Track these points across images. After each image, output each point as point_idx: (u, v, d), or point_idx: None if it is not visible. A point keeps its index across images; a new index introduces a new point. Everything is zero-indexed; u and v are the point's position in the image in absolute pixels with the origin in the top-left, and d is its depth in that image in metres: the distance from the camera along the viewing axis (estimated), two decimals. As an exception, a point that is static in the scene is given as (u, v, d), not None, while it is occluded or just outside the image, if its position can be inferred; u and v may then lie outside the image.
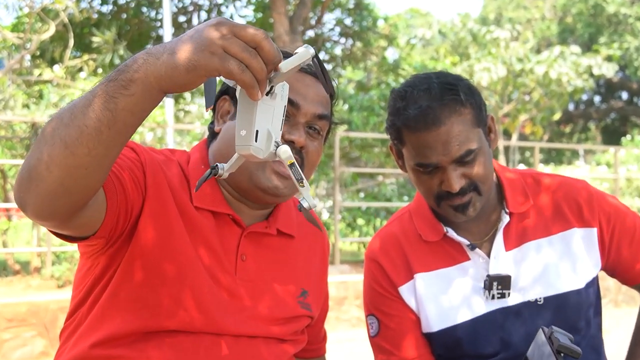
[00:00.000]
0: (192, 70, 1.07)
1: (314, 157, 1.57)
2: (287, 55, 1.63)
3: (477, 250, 1.77)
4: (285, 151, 1.18)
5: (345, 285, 7.82)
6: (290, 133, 1.50)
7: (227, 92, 1.58)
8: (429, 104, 1.64)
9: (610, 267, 1.83)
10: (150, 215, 1.44)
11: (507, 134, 22.97)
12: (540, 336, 1.50)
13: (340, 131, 9.63)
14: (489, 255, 1.77)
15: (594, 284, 1.81)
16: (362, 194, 11.47)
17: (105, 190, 1.31)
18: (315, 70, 1.26)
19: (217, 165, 1.24)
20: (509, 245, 1.77)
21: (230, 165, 1.24)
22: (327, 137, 1.69)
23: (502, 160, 20.06)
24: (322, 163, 10.17)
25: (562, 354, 1.38)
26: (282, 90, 1.18)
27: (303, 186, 1.20)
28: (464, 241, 1.77)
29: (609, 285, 9.44)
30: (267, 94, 1.15)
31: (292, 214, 1.70)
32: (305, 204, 1.19)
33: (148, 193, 1.45)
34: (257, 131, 1.15)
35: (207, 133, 1.67)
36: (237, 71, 1.07)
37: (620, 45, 26.30)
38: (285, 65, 1.14)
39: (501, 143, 11.45)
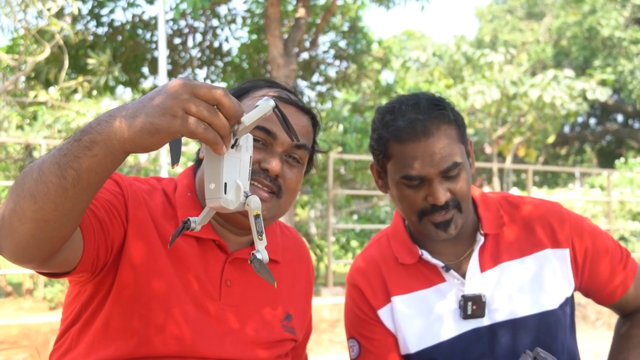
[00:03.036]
0: (154, 133, 1.09)
1: (292, 185, 1.59)
2: (272, 83, 1.66)
3: (452, 271, 1.80)
4: (255, 202, 1.21)
5: (339, 308, 7.80)
6: (266, 162, 1.53)
7: None
8: (417, 117, 1.69)
9: (584, 288, 1.85)
10: (133, 247, 1.47)
11: (502, 157, 23.04)
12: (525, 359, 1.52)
13: (334, 153, 9.66)
14: (464, 276, 1.79)
15: (568, 304, 1.82)
16: (355, 216, 11.48)
17: (82, 228, 1.34)
18: (299, 103, 1.27)
19: (189, 219, 1.26)
20: (484, 266, 1.80)
21: (202, 218, 1.26)
22: (311, 166, 1.71)
23: (496, 182, 20.10)
24: (316, 185, 10.20)
25: None
26: (246, 142, 1.21)
27: (261, 239, 1.23)
28: (439, 263, 1.80)
29: (602, 308, 9.42)
30: (232, 147, 1.18)
31: (277, 240, 1.73)
32: (259, 256, 1.22)
33: (130, 225, 1.47)
34: (225, 183, 1.17)
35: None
36: (200, 131, 1.09)
37: (614, 69, 26.48)
38: (248, 119, 1.17)
39: (495, 165, 11.47)
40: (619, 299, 1.86)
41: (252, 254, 1.23)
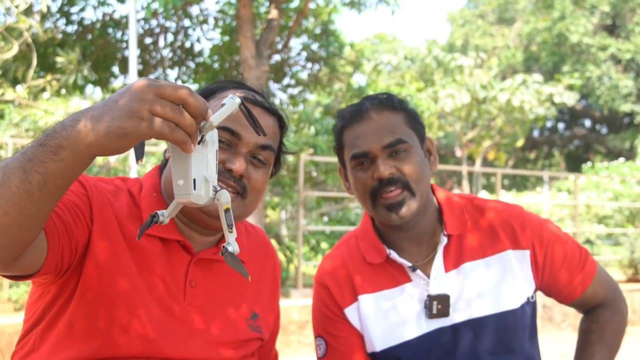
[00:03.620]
0: (122, 137, 1.08)
1: (258, 186, 1.60)
2: (239, 85, 1.67)
3: (418, 271, 1.83)
4: (225, 196, 1.22)
5: (308, 309, 7.82)
6: (230, 162, 1.53)
7: None
8: (364, 102, 1.85)
9: (545, 288, 1.90)
10: (97, 248, 1.47)
11: (472, 160, 23.26)
12: None
13: (306, 155, 9.67)
14: (429, 276, 1.82)
15: (529, 304, 1.86)
16: (326, 218, 11.50)
17: (46, 231, 1.33)
18: (266, 103, 1.28)
19: (157, 213, 1.26)
20: (448, 266, 1.83)
21: (170, 212, 1.27)
22: (278, 167, 1.73)
23: (465, 185, 20.30)
24: (287, 186, 10.20)
25: None
26: (211, 136, 1.22)
27: (231, 232, 1.24)
28: (406, 263, 1.83)
29: (568, 310, 9.56)
30: (198, 143, 1.19)
31: (242, 239, 1.74)
32: (230, 248, 1.24)
33: (94, 226, 1.47)
34: (194, 179, 1.19)
35: None
36: (168, 131, 1.10)
37: (582, 75, 26.88)
38: (215, 119, 1.18)
39: (465, 169, 11.59)
40: (578, 298, 1.90)
41: (223, 246, 1.24)
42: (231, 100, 1.20)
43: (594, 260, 1.94)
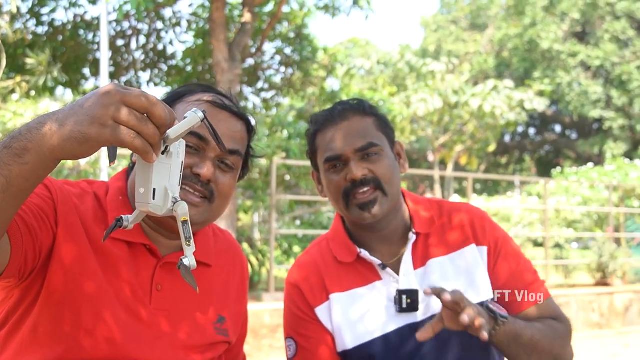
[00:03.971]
0: (84, 142, 1.08)
1: (225, 190, 1.60)
2: (208, 88, 1.67)
3: (388, 269, 1.87)
4: (182, 207, 1.22)
5: (280, 313, 7.77)
6: (197, 167, 1.53)
7: None
8: (336, 107, 1.91)
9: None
10: (62, 251, 1.46)
11: (444, 165, 23.43)
12: None
13: (278, 158, 9.67)
14: (398, 273, 1.86)
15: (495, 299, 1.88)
16: (298, 222, 11.51)
17: (10, 234, 1.31)
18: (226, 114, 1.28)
19: (122, 217, 1.25)
20: (416, 263, 1.88)
21: (135, 217, 1.26)
22: (246, 171, 1.73)
23: (437, 189, 20.44)
24: (260, 190, 10.18)
25: None
26: (178, 147, 1.21)
27: (189, 245, 1.24)
28: (376, 261, 1.86)
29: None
30: (162, 153, 1.18)
31: (209, 243, 1.74)
32: (186, 262, 1.23)
33: (59, 229, 1.46)
34: (154, 189, 1.18)
35: None
36: (129, 140, 1.09)
37: (552, 81, 27.24)
38: (174, 132, 1.17)
39: (437, 173, 11.67)
40: (517, 314, 1.87)
41: (180, 259, 1.24)
42: (193, 114, 1.19)
43: (547, 291, 1.92)
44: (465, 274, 1.86)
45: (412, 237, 1.88)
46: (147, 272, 1.56)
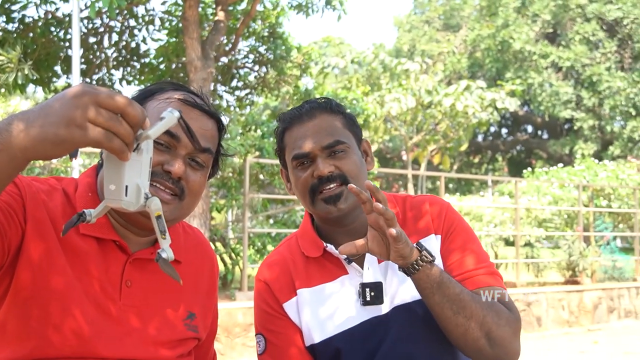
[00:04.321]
0: (59, 144, 1.08)
1: (195, 188, 1.62)
2: (179, 87, 1.68)
3: (354, 264, 1.89)
4: (156, 203, 1.24)
5: (253, 312, 7.81)
6: (168, 164, 1.54)
7: None
8: (304, 105, 1.94)
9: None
10: (31, 248, 1.46)
11: (418, 164, 23.57)
12: None
13: (252, 157, 9.66)
14: (363, 268, 1.89)
15: None
16: (272, 220, 11.51)
17: None
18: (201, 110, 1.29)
19: (84, 211, 1.26)
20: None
21: (99, 212, 1.27)
22: (217, 169, 1.75)
23: (411, 188, 20.55)
24: (233, 189, 10.16)
25: None
26: (146, 144, 1.22)
27: (164, 238, 1.26)
28: (342, 256, 1.88)
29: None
30: (133, 151, 1.19)
31: (179, 240, 1.75)
32: (164, 255, 1.26)
33: (28, 226, 1.46)
34: (126, 186, 1.20)
35: None
36: (105, 140, 1.10)
37: (524, 81, 27.52)
38: (153, 133, 1.19)
39: (410, 172, 11.75)
40: None
41: (158, 252, 1.26)
42: (170, 115, 1.22)
43: (497, 282, 1.87)
44: None
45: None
46: (116, 268, 1.57)
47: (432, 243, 1.90)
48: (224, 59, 12.49)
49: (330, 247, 1.90)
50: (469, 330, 1.69)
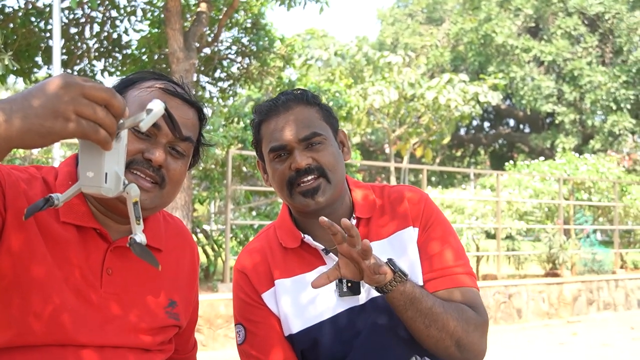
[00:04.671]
0: (46, 136, 1.10)
1: (176, 176, 1.62)
2: (159, 76, 1.68)
3: (331, 254, 1.90)
4: (135, 190, 1.28)
5: (234, 304, 7.81)
6: (149, 152, 1.55)
7: None
8: (280, 97, 1.94)
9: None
10: (11, 237, 1.45)
11: (401, 157, 23.63)
12: None
13: (234, 149, 9.64)
14: None
15: None
16: (254, 212, 11.50)
17: None
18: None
19: (51, 195, 1.27)
20: None
21: (67, 196, 1.28)
22: (198, 158, 1.75)
23: (393, 181, 20.62)
24: (216, 180, 10.15)
25: None
26: (124, 133, 1.25)
27: (139, 224, 1.30)
28: (319, 246, 1.90)
29: (489, 303, 9.86)
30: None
31: (159, 228, 1.75)
32: (137, 239, 1.30)
33: (8, 215, 1.45)
34: (106, 173, 1.22)
35: None
36: (92, 132, 1.12)
37: (506, 75, 27.64)
38: (145, 125, 1.22)
39: (392, 165, 11.78)
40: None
41: (131, 237, 1.29)
42: (158, 106, 1.24)
43: (469, 280, 1.90)
44: (402, 255, 1.89)
45: (353, 222, 1.90)
46: (97, 256, 1.57)
47: (410, 235, 1.91)
48: (207, 50, 12.44)
49: (308, 238, 1.91)
50: (439, 341, 1.75)
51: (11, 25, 11.09)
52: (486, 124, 37.48)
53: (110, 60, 12.57)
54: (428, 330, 1.73)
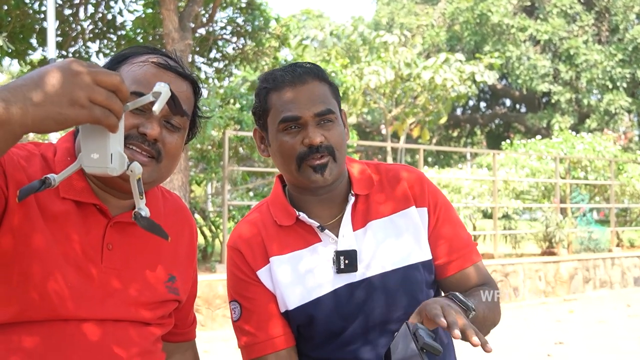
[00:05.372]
0: (62, 122, 1.13)
1: (172, 150, 1.61)
2: (153, 50, 1.67)
3: (327, 231, 1.89)
4: (138, 167, 1.31)
5: (232, 284, 7.84)
6: (144, 126, 1.54)
7: None
8: (294, 68, 1.89)
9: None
10: (12, 215, 1.45)
11: (397, 137, 23.62)
12: (405, 331, 1.60)
13: (231, 130, 9.63)
14: (338, 235, 1.89)
15: (432, 263, 1.94)
16: (252, 193, 11.51)
17: None
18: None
19: (47, 176, 1.27)
20: (356, 225, 1.91)
21: (63, 177, 1.29)
22: (195, 132, 1.75)
23: (390, 161, 20.63)
24: (213, 161, 10.14)
25: (424, 351, 1.49)
26: (124, 114, 1.28)
27: (142, 199, 1.34)
28: (314, 223, 1.89)
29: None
30: None
31: (158, 204, 1.75)
32: (143, 213, 1.33)
33: (10, 193, 1.45)
34: (111, 154, 1.25)
35: None
36: (103, 117, 1.16)
37: (502, 54, 27.56)
38: (157, 108, 1.26)
39: (389, 145, 11.78)
40: (449, 276, 1.92)
41: (135, 212, 1.30)
42: (164, 88, 1.27)
43: (479, 254, 1.99)
44: (406, 235, 1.89)
45: (351, 199, 1.91)
46: (97, 231, 1.57)
47: (413, 215, 1.91)
48: (202, 31, 12.38)
49: (303, 216, 1.90)
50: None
51: (5, 7, 11.02)
52: (482, 104, 37.45)
53: (105, 41, 12.51)
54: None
